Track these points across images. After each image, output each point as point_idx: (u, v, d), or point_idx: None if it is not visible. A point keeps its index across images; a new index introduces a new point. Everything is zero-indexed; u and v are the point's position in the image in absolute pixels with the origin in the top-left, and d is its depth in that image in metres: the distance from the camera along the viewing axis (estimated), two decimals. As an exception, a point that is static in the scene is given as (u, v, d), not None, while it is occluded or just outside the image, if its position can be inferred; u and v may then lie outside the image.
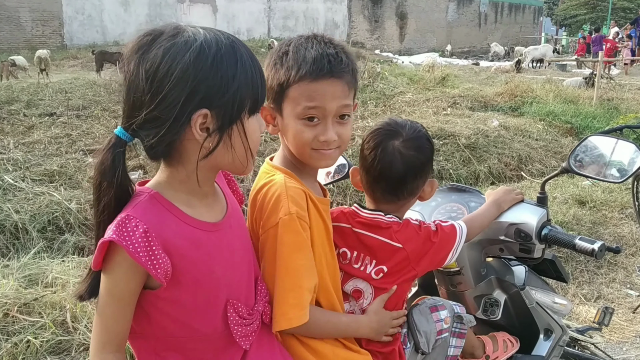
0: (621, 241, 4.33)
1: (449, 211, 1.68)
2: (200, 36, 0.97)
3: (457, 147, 6.79)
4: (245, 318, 1.08)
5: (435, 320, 1.45)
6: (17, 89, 9.23)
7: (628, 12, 35.64)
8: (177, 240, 1.00)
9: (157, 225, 0.98)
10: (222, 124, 0.98)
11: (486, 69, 19.53)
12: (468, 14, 34.52)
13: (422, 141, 1.41)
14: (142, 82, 0.95)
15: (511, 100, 10.01)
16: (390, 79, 11.38)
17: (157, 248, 0.96)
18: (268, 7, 26.18)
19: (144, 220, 0.97)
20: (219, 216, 1.09)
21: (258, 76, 1.02)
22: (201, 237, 1.03)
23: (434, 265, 1.46)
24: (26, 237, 4.19)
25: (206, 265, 1.03)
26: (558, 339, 1.79)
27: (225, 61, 0.97)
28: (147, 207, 1.00)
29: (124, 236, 0.95)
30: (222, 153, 1.01)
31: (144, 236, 0.95)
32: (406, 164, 1.38)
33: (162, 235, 0.98)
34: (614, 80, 13.33)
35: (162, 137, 0.96)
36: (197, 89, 0.95)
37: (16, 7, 20.36)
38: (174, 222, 1.01)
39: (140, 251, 0.94)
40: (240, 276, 1.10)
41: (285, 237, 1.15)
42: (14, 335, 2.42)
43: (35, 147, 6.21)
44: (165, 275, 0.98)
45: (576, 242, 1.55)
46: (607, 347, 3.06)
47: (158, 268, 0.96)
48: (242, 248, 1.13)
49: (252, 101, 1.01)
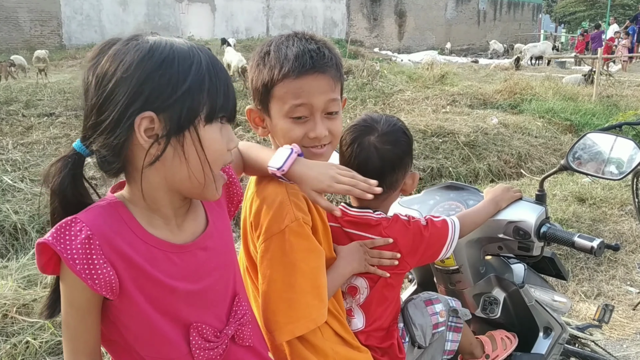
0: (621, 238, 4.33)
1: (447, 209, 1.68)
2: (155, 40, 0.92)
3: (457, 145, 6.78)
4: (211, 341, 1.00)
5: (430, 314, 1.47)
6: (15, 89, 9.23)
7: (627, 8, 35.64)
8: (132, 252, 0.93)
9: (108, 234, 0.91)
10: (170, 129, 0.90)
11: (485, 66, 19.51)
12: (467, 12, 34.48)
13: (397, 135, 1.42)
14: (92, 88, 0.91)
15: (510, 98, 10.01)
16: (390, 77, 11.37)
17: (99, 258, 0.89)
18: (267, 6, 26.15)
19: (90, 225, 0.90)
20: (189, 238, 1.01)
21: (220, 84, 0.94)
22: (157, 255, 0.96)
23: (427, 259, 1.47)
24: (25, 237, 4.19)
25: (163, 285, 0.95)
26: (558, 336, 1.79)
27: (176, 63, 0.90)
28: (101, 213, 0.93)
29: (60, 241, 0.88)
30: (175, 165, 0.92)
31: (85, 243, 0.88)
32: (382, 158, 1.39)
33: (112, 244, 0.91)
34: (613, 77, 13.32)
35: (110, 145, 0.90)
36: (141, 89, 0.88)
37: (14, 7, 20.34)
38: (128, 235, 0.94)
39: (76, 258, 0.88)
40: (213, 298, 1.03)
41: (296, 243, 1.14)
42: (13, 336, 2.42)
43: (34, 147, 6.20)
44: (109, 288, 0.91)
45: (575, 240, 1.55)
46: (608, 345, 3.05)
47: (96, 279, 0.89)
48: (220, 268, 1.05)
49: (208, 108, 0.92)
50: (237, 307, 1.06)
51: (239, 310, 1.06)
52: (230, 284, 1.07)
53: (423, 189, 1.87)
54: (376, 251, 1.36)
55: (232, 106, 0.97)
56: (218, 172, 0.97)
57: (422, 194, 1.79)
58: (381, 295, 1.39)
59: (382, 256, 1.36)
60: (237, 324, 1.05)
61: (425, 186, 4.55)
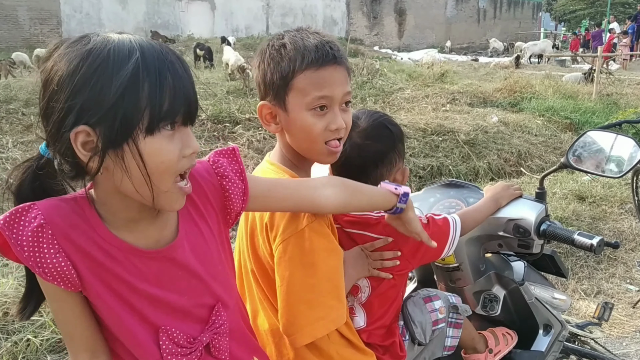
0: (621, 236, 4.33)
1: (447, 207, 1.68)
2: (97, 41, 0.84)
3: (457, 144, 6.79)
4: (183, 347, 0.97)
5: (429, 311, 1.46)
6: (15, 87, 9.21)
7: (627, 6, 35.63)
8: (90, 247, 0.90)
9: (62, 225, 0.88)
10: (105, 143, 0.83)
11: (485, 64, 19.51)
12: (467, 10, 34.46)
13: (379, 130, 1.38)
14: (40, 92, 0.86)
15: (510, 96, 10.02)
16: (389, 76, 11.37)
17: (50, 247, 0.86)
18: (266, 4, 26.13)
19: (45, 214, 0.86)
20: (152, 245, 0.96)
21: (165, 86, 0.84)
22: (117, 255, 0.92)
23: (429, 258, 1.46)
24: (25, 236, 4.19)
25: (124, 281, 0.92)
26: (557, 334, 1.79)
27: (109, 69, 0.82)
28: (60, 206, 0.89)
29: (12, 226, 0.85)
30: (118, 178, 0.86)
31: (36, 231, 0.85)
32: (363, 154, 1.36)
33: (67, 236, 0.88)
34: (613, 76, 13.32)
35: (59, 152, 0.86)
36: (74, 101, 0.82)
37: (14, 5, 20.32)
38: (87, 231, 0.90)
39: (24, 245, 0.85)
40: (181, 307, 0.98)
41: (317, 242, 1.12)
42: (14, 334, 2.43)
43: (34, 146, 6.19)
44: (62, 279, 0.88)
45: (575, 238, 1.55)
46: (607, 342, 3.06)
47: (45, 268, 0.86)
48: (191, 279, 0.99)
49: (149, 116, 0.83)
50: (216, 316, 1.01)
51: (217, 319, 1.01)
52: (206, 293, 1.01)
53: (423, 187, 1.87)
54: (377, 253, 1.35)
55: (186, 108, 0.87)
56: (170, 184, 0.89)
57: (422, 192, 1.79)
58: (383, 294, 1.38)
59: (384, 257, 1.35)
60: (213, 332, 1.01)
61: (425, 184, 4.55)
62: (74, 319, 0.94)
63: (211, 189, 1.04)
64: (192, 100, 0.88)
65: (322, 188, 1.15)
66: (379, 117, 1.41)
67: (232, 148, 1.09)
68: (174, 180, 0.89)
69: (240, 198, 1.06)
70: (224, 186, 1.05)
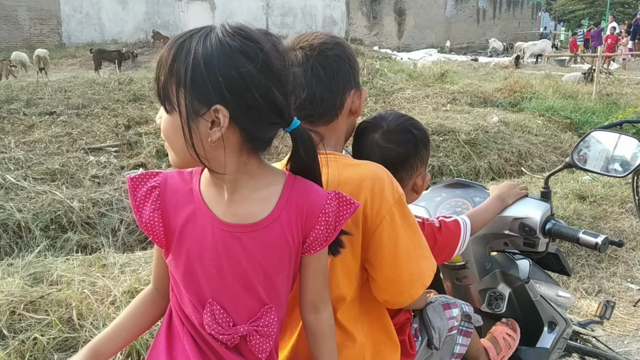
0: (621, 235, 4.35)
1: (454, 206, 1.69)
2: None
3: (457, 143, 6.81)
4: (221, 326, 1.02)
5: (448, 318, 1.46)
6: (16, 88, 9.22)
7: (627, 6, 35.65)
8: (184, 209, 1.03)
9: (171, 191, 1.05)
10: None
11: (485, 64, 19.53)
12: (466, 10, 34.48)
13: (402, 134, 1.35)
14: None
15: (510, 96, 10.04)
16: (390, 76, 11.39)
17: (152, 205, 1.03)
18: (266, 4, 26.14)
19: (162, 180, 1.05)
20: (230, 218, 1.01)
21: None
22: (201, 222, 1.02)
23: (440, 261, 1.45)
24: (29, 235, 4.20)
25: (198, 249, 1.02)
26: (562, 331, 1.81)
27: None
28: (175, 176, 1.07)
29: (135, 181, 1.05)
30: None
31: (149, 190, 1.04)
32: (384, 156, 1.32)
33: (171, 199, 1.04)
34: (613, 75, 13.35)
35: None
36: None
37: (14, 5, 20.33)
38: (189, 195, 1.04)
39: (137, 198, 1.04)
40: (234, 289, 1.02)
41: (407, 207, 1.20)
42: (21, 332, 2.44)
43: (36, 146, 6.21)
44: (154, 235, 1.03)
45: (580, 236, 1.57)
46: (609, 341, 3.08)
47: (144, 221, 1.03)
48: (250, 264, 1.02)
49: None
50: (263, 315, 1.04)
51: (263, 318, 1.04)
52: (259, 289, 1.03)
53: (429, 186, 1.89)
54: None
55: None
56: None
57: (429, 191, 1.80)
58: None
59: None
60: (254, 328, 1.04)
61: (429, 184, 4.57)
62: (155, 258, 1.14)
63: (310, 216, 1.05)
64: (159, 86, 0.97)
65: None
66: (405, 121, 1.38)
67: (353, 202, 1.07)
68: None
69: (314, 243, 1.05)
70: (319, 222, 1.04)
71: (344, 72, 1.21)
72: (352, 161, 1.24)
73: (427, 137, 1.41)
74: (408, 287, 1.19)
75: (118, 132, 6.79)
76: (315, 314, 1.11)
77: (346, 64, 1.22)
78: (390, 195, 1.15)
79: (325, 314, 1.12)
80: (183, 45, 0.93)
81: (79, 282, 2.82)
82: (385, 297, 1.21)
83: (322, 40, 1.21)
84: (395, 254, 1.16)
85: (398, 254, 1.16)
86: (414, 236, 1.19)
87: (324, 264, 1.11)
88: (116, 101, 8.40)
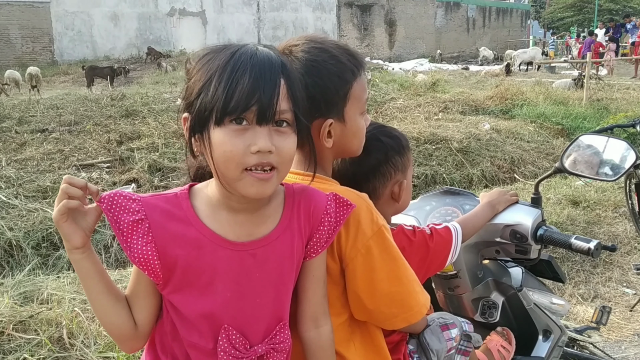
0: (616, 240, 4.35)
1: (444, 214, 1.68)
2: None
3: (450, 152, 6.82)
4: (239, 350, 0.99)
5: (446, 339, 1.42)
6: (8, 106, 9.20)
7: (614, 13, 36.06)
8: (183, 235, 0.98)
9: (161, 219, 0.98)
10: (190, 127, 0.99)
11: (476, 73, 19.66)
12: (456, 20, 34.80)
13: (370, 142, 1.31)
14: None
15: (502, 104, 10.09)
16: (381, 86, 11.44)
17: (143, 238, 0.96)
18: (257, 18, 26.29)
19: (147, 210, 0.97)
20: (245, 238, 1.00)
21: (236, 90, 0.91)
22: (206, 245, 0.98)
23: (434, 269, 1.44)
24: (20, 254, 4.16)
25: (207, 274, 0.98)
26: (557, 339, 1.79)
27: (205, 67, 0.97)
28: (158, 203, 1.00)
29: (111, 206, 0.96)
30: (208, 162, 1.00)
31: (135, 222, 0.96)
32: (354, 168, 1.33)
33: (165, 227, 0.98)
34: (603, 81, 13.45)
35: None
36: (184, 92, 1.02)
37: (5, 24, 20.36)
38: (184, 219, 0.99)
39: (124, 230, 0.96)
40: (250, 308, 1.01)
41: (390, 238, 1.15)
42: (10, 353, 2.40)
43: (27, 163, 6.18)
44: (149, 270, 0.96)
45: (572, 242, 1.56)
46: (606, 346, 3.06)
47: (135, 255, 0.96)
48: (264, 282, 1.01)
49: (218, 112, 0.92)
50: (279, 331, 1.03)
51: (279, 335, 1.03)
52: (271, 303, 1.03)
53: (418, 195, 1.88)
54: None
55: (259, 109, 0.92)
56: (236, 173, 0.93)
57: (419, 200, 1.79)
58: None
59: None
60: (271, 346, 1.02)
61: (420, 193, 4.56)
62: (142, 293, 1.03)
63: (315, 217, 1.06)
64: (264, 103, 0.92)
65: None
66: (374, 129, 1.37)
67: (350, 203, 1.08)
68: (240, 171, 0.93)
69: (316, 245, 1.07)
70: (322, 223, 1.06)
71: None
72: (333, 186, 1.18)
73: (400, 144, 1.39)
74: (388, 318, 1.17)
75: (110, 148, 6.77)
76: (317, 329, 1.09)
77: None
78: (368, 228, 1.12)
79: (326, 328, 1.10)
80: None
81: (70, 300, 2.78)
82: (369, 321, 1.20)
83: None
84: (371, 287, 1.13)
85: (376, 288, 1.13)
86: (396, 270, 1.15)
87: (324, 272, 1.10)
88: (108, 117, 8.38)
